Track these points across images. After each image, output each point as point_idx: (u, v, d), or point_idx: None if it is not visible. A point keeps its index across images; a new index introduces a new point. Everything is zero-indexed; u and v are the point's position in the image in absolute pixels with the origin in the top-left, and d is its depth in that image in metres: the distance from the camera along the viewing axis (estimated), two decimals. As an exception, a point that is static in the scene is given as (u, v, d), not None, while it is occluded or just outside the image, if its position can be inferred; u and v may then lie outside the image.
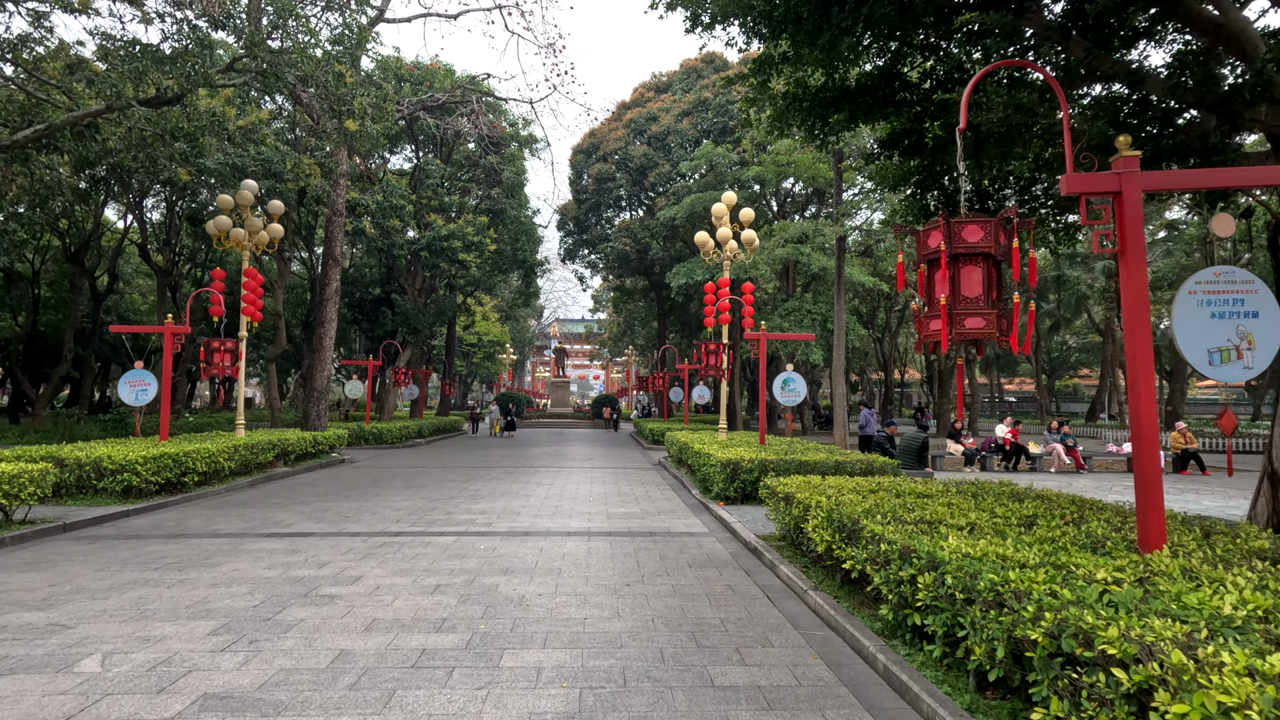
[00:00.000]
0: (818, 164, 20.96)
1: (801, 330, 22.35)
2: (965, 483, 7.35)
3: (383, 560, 6.84)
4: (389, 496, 11.37)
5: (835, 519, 5.49)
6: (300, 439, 15.33)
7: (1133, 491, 12.73)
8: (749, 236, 14.99)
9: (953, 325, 3.87)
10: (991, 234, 3.82)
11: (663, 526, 8.96)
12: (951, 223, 3.85)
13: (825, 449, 12.29)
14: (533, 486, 12.85)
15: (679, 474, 14.36)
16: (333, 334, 17.45)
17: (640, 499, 11.46)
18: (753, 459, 10.35)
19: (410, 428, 24.80)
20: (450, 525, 8.81)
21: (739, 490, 10.35)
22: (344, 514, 9.61)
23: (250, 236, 14.53)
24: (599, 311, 65.09)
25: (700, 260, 23.62)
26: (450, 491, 12.00)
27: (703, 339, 14.22)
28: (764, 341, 13.55)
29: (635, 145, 28.28)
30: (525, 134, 25.93)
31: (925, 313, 4.17)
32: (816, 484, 7.10)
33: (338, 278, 17.61)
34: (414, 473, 15.02)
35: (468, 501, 10.86)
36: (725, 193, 15.47)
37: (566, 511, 10.02)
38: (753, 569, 6.74)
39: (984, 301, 3.87)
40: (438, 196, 23.97)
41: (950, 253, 3.84)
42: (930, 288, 4.13)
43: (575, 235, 33.61)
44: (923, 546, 4.05)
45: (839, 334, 18.02)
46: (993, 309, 3.89)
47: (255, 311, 14.78)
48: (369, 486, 12.63)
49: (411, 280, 27.23)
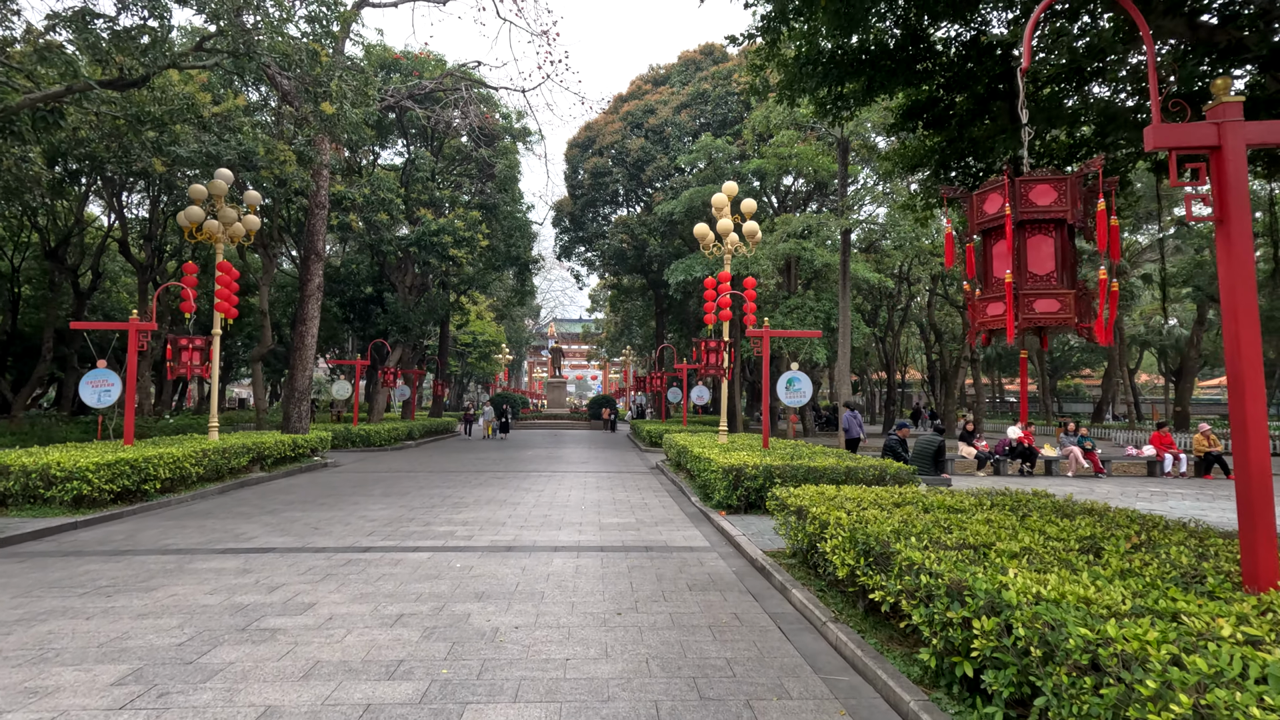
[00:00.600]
0: (820, 156, 20.21)
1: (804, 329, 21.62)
2: (995, 492, 6.60)
3: (343, 582, 6.06)
4: (366, 505, 10.59)
5: (860, 540, 4.72)
6: (278, 442, 14.54)
7: (1164, 498, 11.95)
8: (751, 228, 14.24)
9: (1019, 309, 3.11)
10: (1067, 195, 3.06)
11: (660, 539, 8.19)
12: (1018, 182, 3.09)
13: (833, 453, 11.53)
14: (522, 493, 12.08)
15: (677, 479, 13.60)
16: (315, 332, 16.67)
17: (636, 507, 10.69)
18: (757, 465, 9.58)
19: (400, 429, 24.01)
20: (427, 539, 8.03)
21: (742, 499, 9.59)
22: (313, 525, 8.82)
23: (225, 228, 13.74)
24: (596, 311, 64.37)
25: (699, 256, 22.87)
26: (432, 499, 11.22)
27: (702, 337, 13.46)
28: (767, 339, 12.79)
29: (632, 139, 27.48)
30: (519, 127, 25.13)
31: (980, 295, 3.41)
32: (831, 495, 6.35)
33: (320, 273, 16.82)
34: (398, 478, 14.24)
35: (450, 511, 10.08)
36: (726, 183, 14.72)
37: (555, 522, 9.24)
38: (761, 592, 5.97)
39: (1057, 279, 3.11)
40: (428, 191, 23.17)
41: (1016, 219, 3.08)
42: (985, 264, 3.37)
43: (571, 232, 32.80)
44: (979, 583, 3.28)
45: (844, 331, 17.27)
46: (1068, 289, 3.13)
47: (230, 308, 13.99)
48: (346, 493, 11.84)
49: (402, 277, 26.43)
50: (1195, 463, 15.39)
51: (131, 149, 15.06)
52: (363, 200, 20.69)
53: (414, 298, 28.77)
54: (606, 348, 64.27)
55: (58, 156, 18.00)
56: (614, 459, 19.50)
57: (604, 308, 60.91)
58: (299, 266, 17.54)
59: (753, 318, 14.17)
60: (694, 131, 26.45)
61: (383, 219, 20.95)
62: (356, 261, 25.27)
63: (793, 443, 14.00)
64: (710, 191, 22.14)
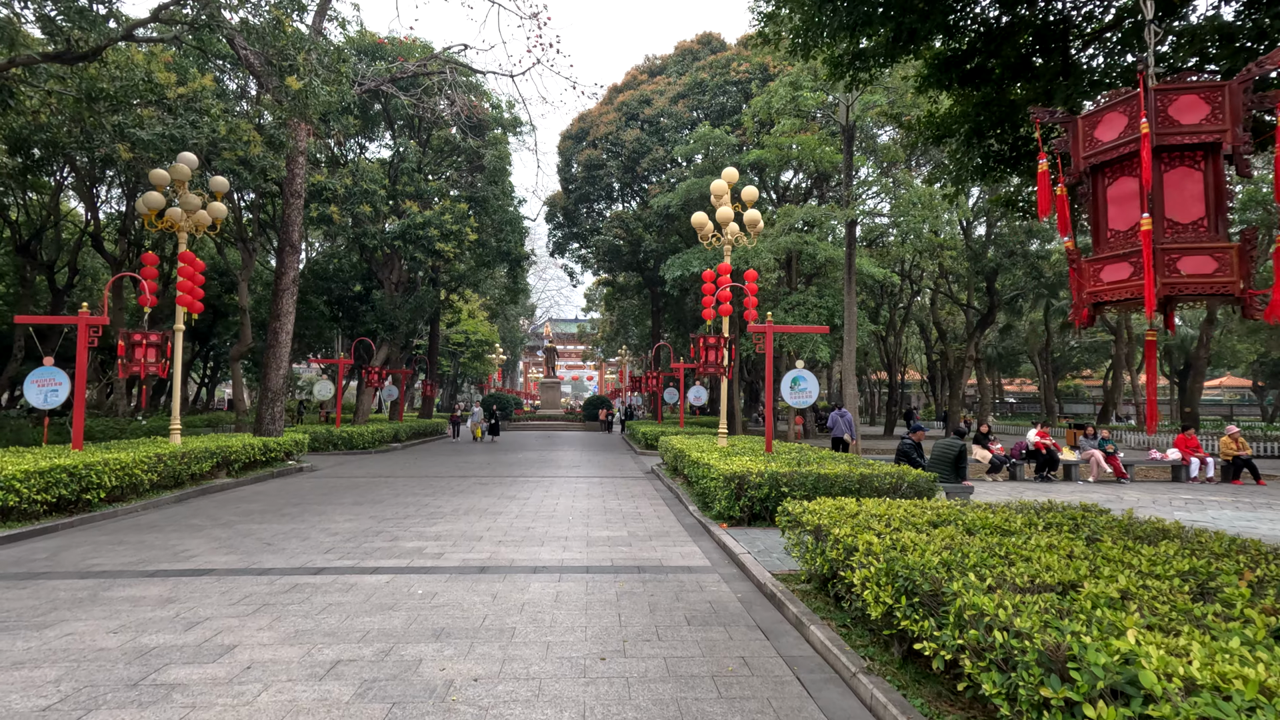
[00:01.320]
0: (823, 147, 19.32)
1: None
2: (1042, 507, 5.71)
3: (279, 616, 5.13)
4: (332, 515, 9.65)
5: (900, 574, 3.81)
6: (247, 446, 13.58)
7: (1199, 506, 11.04)
8: (752, 217, 13.36)
9: (1159, 270, 2.21)
10: (1224, 110, 2.17)
11: (654, 557, 7.27)
12: (1155, 92, 2.19)
13: (842, 458, 10.65)
14: (505, 502, 11.15)
15: (674, 485, 12.69)
16: (290, 328, 15.73)
17: (629, 517, 9.77)
18: (761, 472, 8.68)
19: (385, 431, 23.06)
20: (390, 557, 7.10)
21: (745, 510, 8.69)
22: (266, 540, 7.89)
23: (188, 216, 12.80)
24: (592, 310, 63.50)
25: (697, 250, 21.98)
26: (407, 508, 10.29)
27: (701, 333, 12.56)
28: (770, 335, 11.89)
29: (627, 130, 26.53)
30: (509, 117, 24.18)
31: (1089, 257, 2.51)
32: (853, 511, 5.44)
33: (296, 266, 15.88)
34: (374, 484, 13.30)
35: (423, 522, 9.15)
36: (726, 169, 13.84)
37: (538, 536, 8.32)
38: (773, 628, 5.06)
39: (1208, 228, 2.22)
40: (414, 183, 22.22)
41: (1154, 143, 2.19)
42: (1097, 213, 2.47)
43: (565, 228, 31.85)
44: (1093, 655, 2.37)
45: (849, 329, 16.39)
46: (1226, 242, 2.23)
47: (194, 301, 13.05)
48: (314, 502, 10.90)
49: (389, 273, 25.48)
50: (1223, 467, 14.54)
51: (95, 135, 14.12)
52: (344, 191, 19.75)
53: (401, 295, 27.82)
54: (602, 348, 63.42)
55: (19, 144, 17.04)
56: (607, 462, 18.59)
57: (599, 307, 60.02)
58: (275, 259, 16.60)
59: (754, 313, 13.28)
60: (691, 123, 25.55)
61: (366, 211, 20.00)
62: (341, 256, 24.27)
63: (797, 446, 13.10)
64: (708, 183, 21.22)
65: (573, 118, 29.69)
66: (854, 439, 14.79)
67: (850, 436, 14.61)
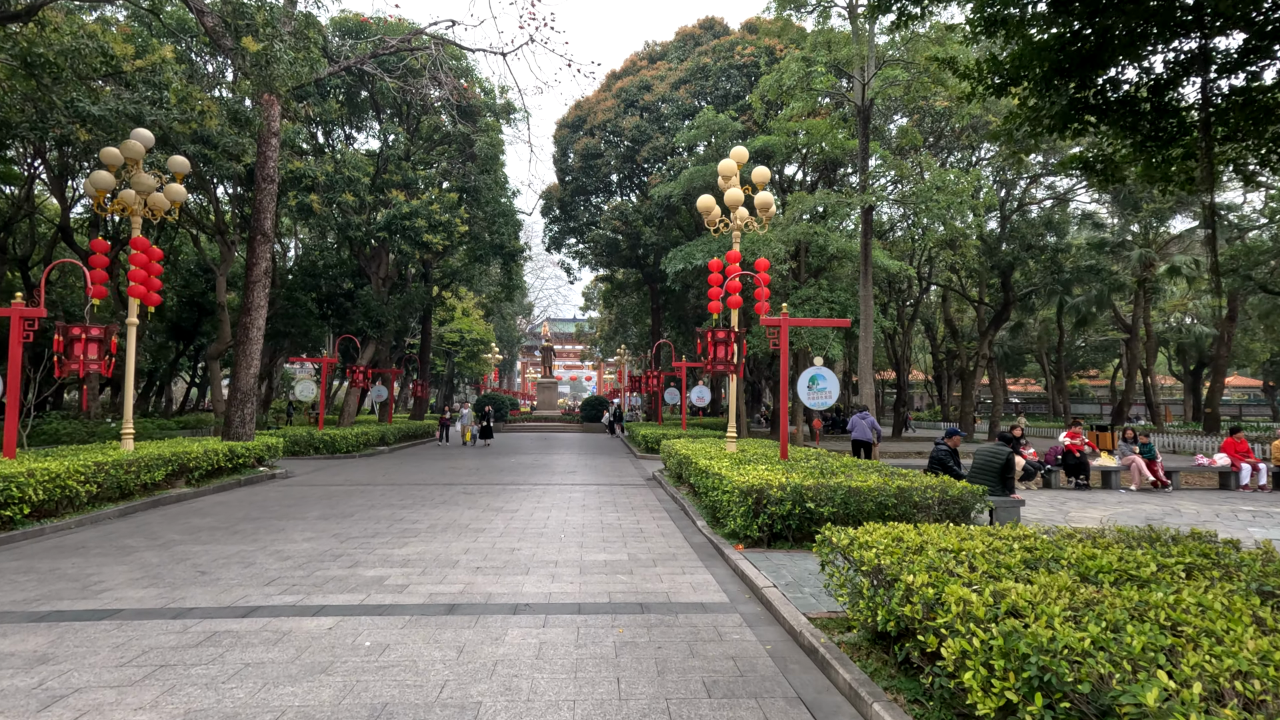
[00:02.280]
0: (834, 132, 18.14)
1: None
2: (1148, 534, 4.52)
3: (172, 687, 3.94)
4: (290, 533, 8.45)
5: (1031, 659, 2.61)
6: (209, 452, 12.37)
7: (1269, 520, 9.87)
8: (764, 200, 12.17)
9: None
10: None
11: (660, 590, 6.09)
12: None
13: (868, 466, 9.47)
14: (491, 515, 9.96)
15: (679, 495, 11.51)
16: (262, 323, 14.52)
17: (630, 535, 8.59)
18: (782, 485, 7.50)
19: (371, 434, 21.85)
20: (344, 591, 5.91)
21: (765, 528, 7.50)
22: (202, 567, 6.69)
23: (141, 199, 11.60)
24: (590, 310, 62.38)
25: (701, 242, 20.80)
26: (378, 524, 9.09)
27: (709, 327, 11.37)
28: (785, 329, 10.71)
29: (626, 117, 25.27)
30: (501, 103, 22.95)
31: None
32: (913, 543, 4.26)
33: (268, 256, 14.67)
34: (349, 493, 12.10)
35: (393, 542, 7.96)
36: (735, 148, 12.67)
37: (524, 561, 7.13)
38: (821, 701, 3.87)
39: None
40: (401, 171, 21.03)
41: None
42: None
43: (561, 222, 30.61)
44: None
45: (865, 324, 15.21)
46: None
47: (148, 293, 11.85)
48: (275, 516, 9.70)
49: (376, 268, 24.29)
50: (1274, 473, 13.37)
51: (50, 115, 12.91)
52: (326, 179, 18.54)
53: (390, 291, 26.62)
54: (601, 347, 62.20)
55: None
56: (605, 468, 17.40)
57: (598, 305, 58.88)
58: (246, 249, 15.36)
59: (766, 305, 12.10)
60: (693, 110, 24.31)
61: (349, 200, 18.80)
62: (330, 251, 23.00)
63: (815, 451, 11.92)
64: (713, 170, 20.06)
65: (569, 106, 28.46)
66: (877, 442, 13.59)
67: (874, 439, 13.42)
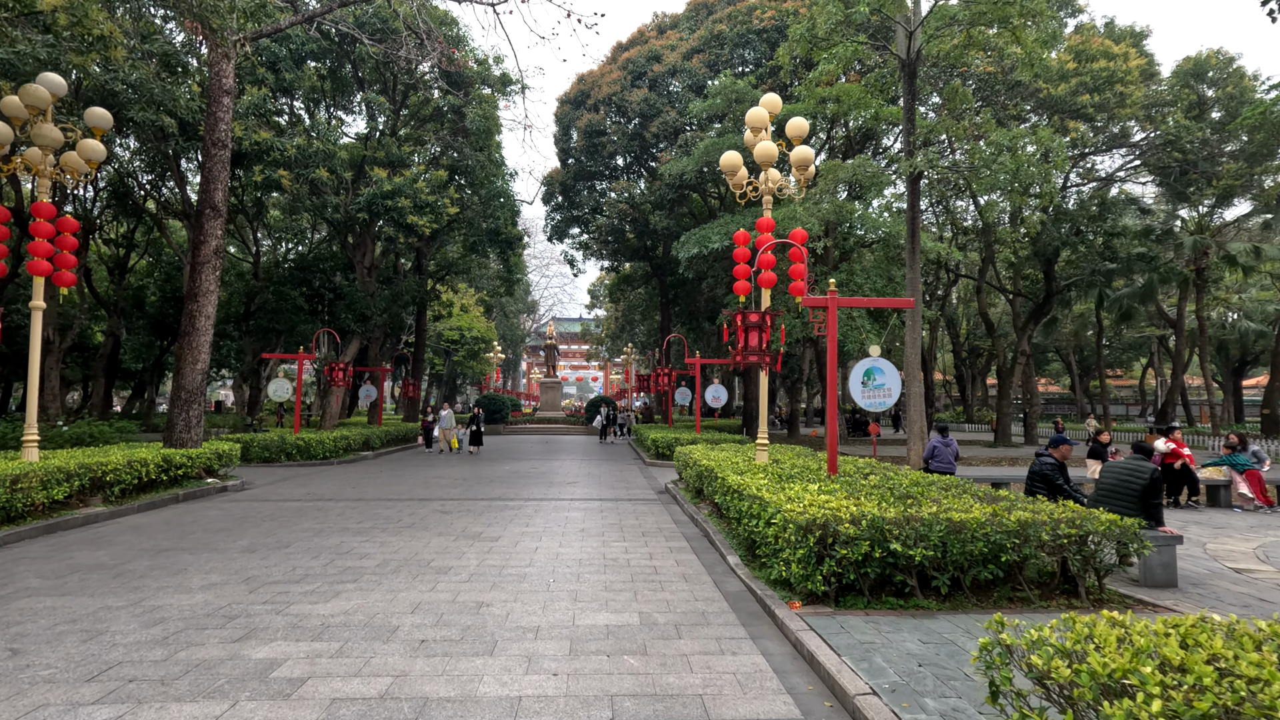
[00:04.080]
0: (868, 98, 15.93)
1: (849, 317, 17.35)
2: None
3: None
4: (192, 574, 6.37)
5: None
6: (134, 463, 10.30)
7: None
8: (803, 155, 10.06)
9: None
10: None
11: (690, 693, 3.95)
12: None
13: (953, 485, 7.32)
14: (464, 545, 7.85)
15: (700, 515, 9.37)
16: (211, 311, 12.47)
17: (641, 578, 6.46)
18: (856, 516, 5.36)
19: (353, 438, 19.79)
20: (200, 696, 3.81)
21: (833, 578, 5.35)
22: (18, 643, 4.60)
23: (49, 156, 9.56)
24: (596, 308, 60.36)
25: (718, 224, 18.64)
26: (315, 559, 6.99)
27: (738, 310, 9.23)
28: (834, 310, 8.55)
29: (633, 90, 23.08)
30: (497, 74, 20.87)
31: None
32: (1144, 643, 2.10)
33: (219, 233, 12.61)
34: (300, 513, 10.01)
35: (321, 592, 5.86)
36: (766, 95, 10.58)
37: (491, 628, 5.01)
38: None
39: None
40: (384, 148, 18.99)
41: None
42: None
43: (564, 210, 28.48)
44: None
45: (914, 312, 13.03)
46: None
47: (63, 272, 9.83)
48: (188, 547, 7.61)
49: (361, 256, 22.26)
50: None
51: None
52: (297, 153, 16.49)
53: (379, 282, 24.58)
54: (607, 346, 60.10)
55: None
56: (611, 478, 15.27)
57: (603, 302, 56.83)
58: (192, 225, 13.28)
59: (803, 284, 9.95)
60: (707, 83, 22.13)
61: (323, 177, 16.74)
62: (300, 236, 20.92)
63: (869, 462, 9.75)
64: (730, 142, 17.91)
65: (571, 81, 26.33)
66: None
67: (946, 466, 10.89)
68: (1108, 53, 19.02)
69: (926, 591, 5.52)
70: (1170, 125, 21.21)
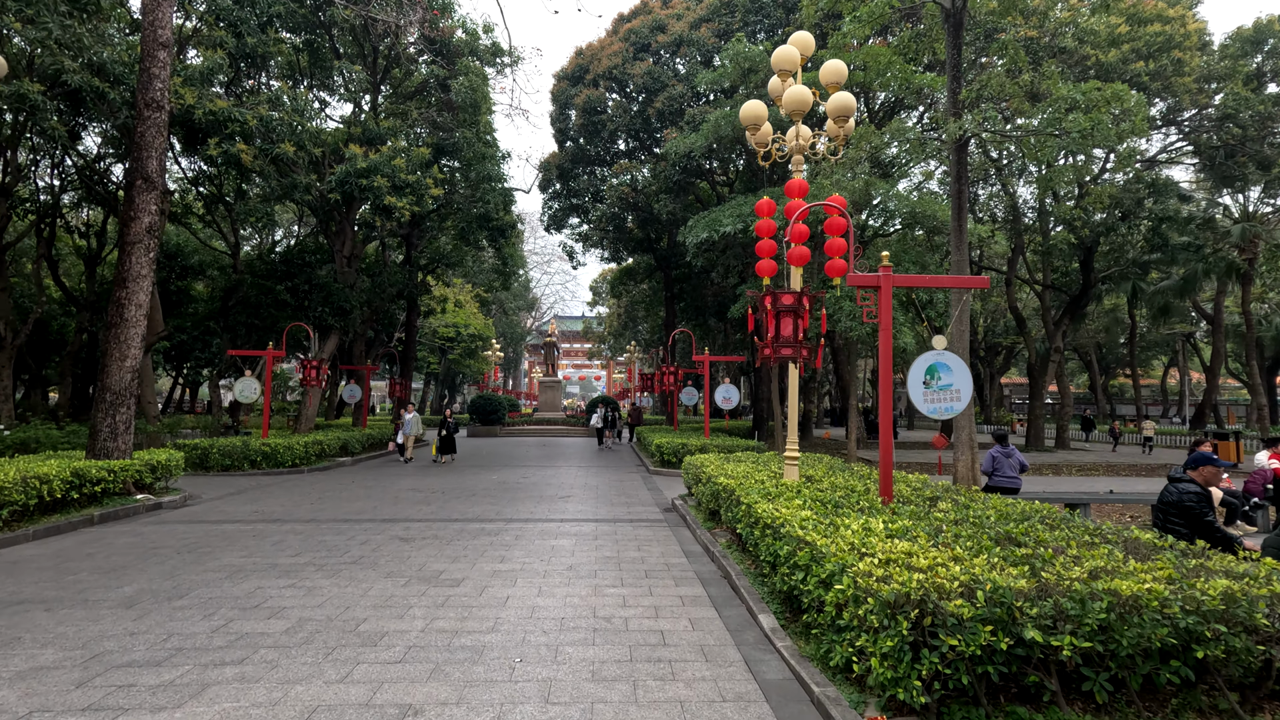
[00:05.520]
0: (895, 61, 14.03)
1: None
2: None
3: None
4: (7, 656, 4.57)
5: None
6: (30, 479, 8.51)
7: None
8: (843, 104, 8.29)
9: None
10: None
11: None
12: None
13: (1053, 516, 5.49)
14: (414, 593, 6.03)
15: (714, 545, 7.54)
16: (143, 300, 10.70)
17: (642, 655, 4.63)
18: (968, 587, 3.53)
19: (329, 443, 18.01)
20: None
21: (937, 680, 3.51)
22: None
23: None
24: (599, 305, 58.58)
25: (730, 207, 16.79)
26: (209, 618, 5.19)
27: (767, 290, 7.37)
28: (888, 292, 6.73)
29: (636, 63, 21.26)
30: (486, 44, 19.01)
31: None
32: None
33: (154, 208, 10.83)
34: (231, 540, 8.21)
35: (181, 689, 4.05)
36: (796, 33, 8.77)
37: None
38: None
39: None
40: (361, 123, 17.20)
41: None
42: None
43: (562, 197, 26.62)
44: None
45: (960, 302, 11.17)
46: None
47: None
48: (46, 600, 5.81)
49: (340, 245, 20.50)
50: None
51: None
52: (259, 124, 14.69)
53: (365, 274, 22.80)
54: (610, 344, 58.28)
55: None
56: (610, 490, 13.45)
57: (606, 299, 55.05)
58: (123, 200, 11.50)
59: (843, 263, 8.10)
60: (715, 56, 20.25)
61: (288, 152, 14.95)
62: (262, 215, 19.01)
63: (922, 480, 7.89)
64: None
65: (570, 55, 24.41)
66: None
67: (1009, 483, 9.05)
68: (1162, 15, 17.12)
69: (1073, 697, 3.69)
70: (1225, 98, 19.26)
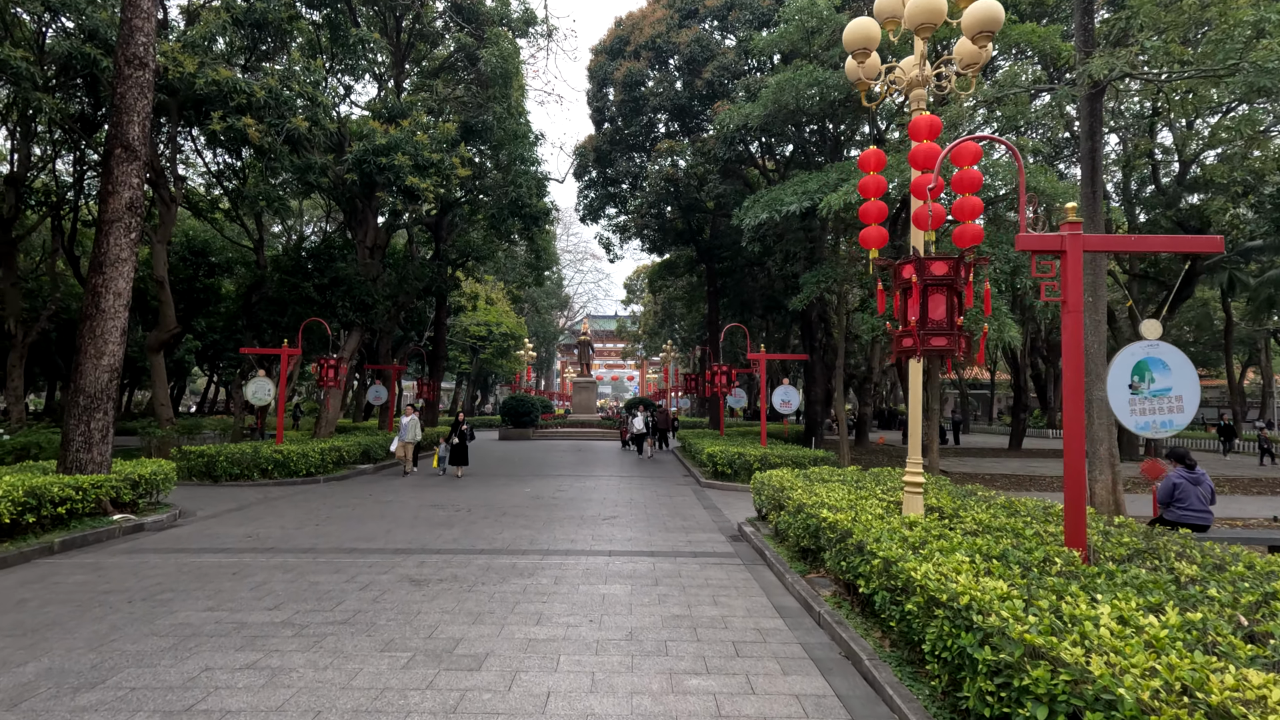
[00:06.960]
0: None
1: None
2: None
3: None
4: None
5: None
6: (-32, 500, 6.99)
7: None
8: (985, 13, 6.28)
9: None
10: None
11: None
12: None
13: None
14: (408, 690, 4.24)
15: (815, 599, 5.60)
16: (123, 288, 9.22)
17: None
18: None
19: (347, 450, 16.50)
20: None
21: None
22: None
23: None
24: (633, 303, 56.83)
25: (792, 184, 14.77)
26: (114, 713, 3.47)
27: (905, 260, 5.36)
28: (1077, 257, 4.76)
29: (681, 31, 19.30)
30: (520, 11, 17.30)
31: None
32: None
33: (135, 181, 9.35)
34: (199, 581, 6.58)
35: None
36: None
37: None
38: None
39: None
40: (384, 101, 15.69)
41: None
42: None
43: (598, 185, 24.84)
44: None
45: (1097, 286, 9.03)
46: None
47: None
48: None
49: (361, 234, 19.05)
50: None
51: None
52: (266, 96, 13.21)
53: (379, 264, 21.32)
54: (644, 344, 56.43)
55: None
56: (659, 507, 11.58)
57: (641, 296, 53.28)
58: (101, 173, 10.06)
59: (977, 227, 6.09)
60: (772, 18, 18.21)
61: (300, 127, 13.45)
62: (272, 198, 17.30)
63: (1127, 524, 5.84)
64: (810, 75, 14.02)
65: (608, 27, 22.61)
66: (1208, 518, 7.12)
67: (1198, 515, 6.91)
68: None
69: None
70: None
